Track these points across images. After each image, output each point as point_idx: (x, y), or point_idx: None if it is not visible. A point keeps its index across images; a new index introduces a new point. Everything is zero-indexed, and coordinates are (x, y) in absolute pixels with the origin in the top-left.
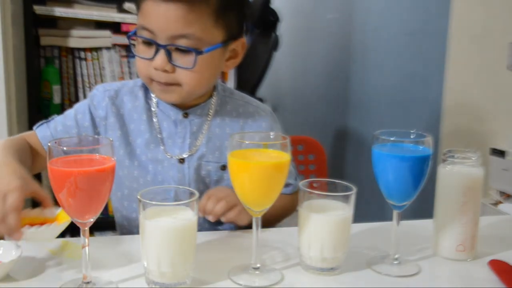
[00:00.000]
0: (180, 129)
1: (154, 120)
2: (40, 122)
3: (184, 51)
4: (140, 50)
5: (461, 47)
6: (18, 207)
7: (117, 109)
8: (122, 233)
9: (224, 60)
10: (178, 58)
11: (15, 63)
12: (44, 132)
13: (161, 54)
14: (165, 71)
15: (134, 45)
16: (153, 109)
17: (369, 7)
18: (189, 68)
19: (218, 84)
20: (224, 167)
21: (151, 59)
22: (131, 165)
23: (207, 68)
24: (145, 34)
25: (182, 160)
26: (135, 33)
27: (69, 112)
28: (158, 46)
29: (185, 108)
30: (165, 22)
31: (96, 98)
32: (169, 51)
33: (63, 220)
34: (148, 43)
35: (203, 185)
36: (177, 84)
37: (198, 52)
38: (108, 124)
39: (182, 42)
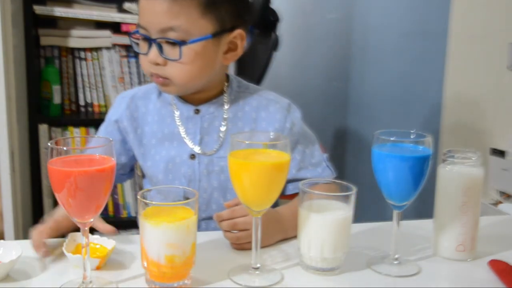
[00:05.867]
0: (190, 125)
1: (168, 119)
2: None
3: (173, 43)
4: (140, 47)
5: (461, 47)
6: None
7: (131, 113)
8: None
9: (222, 53)
10: (168, 51)
11: (15, 63)
12: None
13: (153, 48)
14: (158, 64)
15: (137, 44)
16: (170, 107)
17: (369, 7)
18: (176, 60)
19: (233, 79)
20: None
21: (146, 54)
22: (144, 166)
23: (197, 59)
24: (141, 31)
25: (193, 157)
26: (136, 32)
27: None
28: (150, 41)
29: (197, 104)
30: (153, 16)
31: (116, 105)
32: (160, 44)
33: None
34: (145, 39)
35: (216, 182)
36: (169, 78)
37: (182, 43)
38: (122, 127)
39: (171, 35)
